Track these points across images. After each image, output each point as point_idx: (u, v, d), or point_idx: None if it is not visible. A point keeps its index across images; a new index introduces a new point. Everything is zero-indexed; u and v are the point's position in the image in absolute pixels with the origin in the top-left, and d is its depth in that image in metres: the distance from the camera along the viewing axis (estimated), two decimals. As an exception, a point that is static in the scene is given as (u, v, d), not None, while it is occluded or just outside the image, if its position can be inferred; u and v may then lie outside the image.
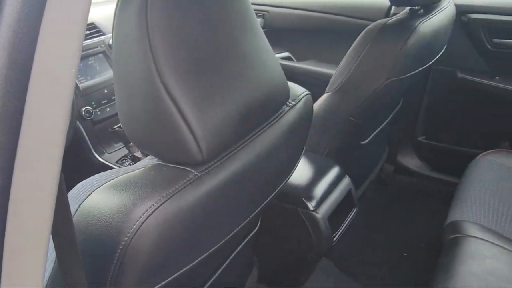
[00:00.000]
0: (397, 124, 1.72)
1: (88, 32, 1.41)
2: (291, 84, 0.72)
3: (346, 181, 1.17)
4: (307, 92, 0.74)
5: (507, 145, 1.67)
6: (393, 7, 1.59)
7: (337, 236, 1.10)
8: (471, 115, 1.71)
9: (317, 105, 1.20)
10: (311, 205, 1.03)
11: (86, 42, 1.38)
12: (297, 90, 0.73)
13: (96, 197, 0.49)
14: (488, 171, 1.35)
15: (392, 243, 1.64)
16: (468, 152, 1.59)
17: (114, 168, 1.20)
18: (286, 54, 1.91)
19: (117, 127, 1.39)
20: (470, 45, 1.58)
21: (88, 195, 0.50)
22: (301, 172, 1.12)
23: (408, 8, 1.20)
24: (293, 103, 0.69)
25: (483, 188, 1.27)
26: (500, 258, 1.03)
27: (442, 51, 1.33)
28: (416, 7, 1.17)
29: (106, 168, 1.35)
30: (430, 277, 1.04)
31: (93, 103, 1.35)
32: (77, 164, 1.39)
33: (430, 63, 1.24)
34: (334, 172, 1.15)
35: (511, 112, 1.64)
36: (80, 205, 0.49)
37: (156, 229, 0.47)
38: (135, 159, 1.42)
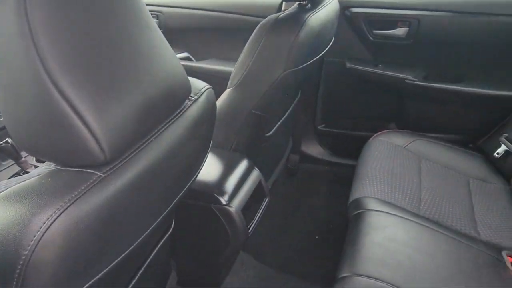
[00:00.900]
0: (298, 115, 1.80)
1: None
2: (192, 79, 0.72)
3: (255, 173, 1.20)
4: (209, 86, 0.75)
5: (393, 125, 1.85)
6: (283, 3, 1.67)
7: (251, 227, 1.13)
8: (362, 101, 1.86)
9: (220, 101, 1.21)
10: (223, 199, 1.04)
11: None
12: (198, 84, 0.73)
13: None
14: (380, 150, 1.48)
15: (305, 228, 1.72)
16: (362, 135, 1.72)
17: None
18: (185, 54, 1.90)
19: (4, 142, 1.26)
20: (355, 37, 1.72)
21: None
22: (211, 168, 1.13)
23: (297, 3, 1.27)
24: (196, 97, 0.69)
25: (377, 166, 1.39)
26: (397, 225, 1.13)
27: (331, 43, 1.43)
28: (304, 2, 1.24)
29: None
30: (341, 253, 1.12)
31: (-29, 118, 1.21)
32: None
33: (321, 54, 1.32)
34: (243, 165, 1.17)
35: (394, 96, 1.82)
36: None
37: (60, 237, 0.43)
38: (29, 176, 1.30)
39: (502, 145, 1.47)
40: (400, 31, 1.64)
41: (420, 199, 1.28)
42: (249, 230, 1.11)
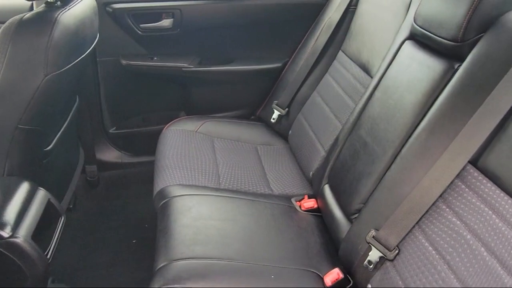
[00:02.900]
0: (83, 122, 1.68)
1: None
2: None
3: (41, 194, 1.07)
4: None
5: (183, 114, 1.91)
6: (34, 3, 1.50)
7: (50, 252, 1.01)
8: (148, 96, 1.86)
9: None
10: (5, 232, 0.90)
11: None
12: None
13: None
14: (173, 139, 1.51)
15: (118, 236, 1.64)
16: (156, 129, 1.72)
17: None
18: None
19: None
20: (124, 33, 1.68)
21: None
22: (-18, 202, 0.96)
23: (44, 1, 1.16)
24: None
25: (174, 154, 1.42)
26: (201, 203, 1.18)
27: (96, 41, 1.36)
28: (52, 0, 1.14)
29: None
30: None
31: None
32: None
33: (87, 53, 1.25)
34: (23, 189, 1.03)
35: (177, 85, 1.87)
36: None
37: None
38: None
39: (275, 111, 1.68)
40: (166, 22, 1.68)
41: (219, 174, 1.36)
42: (48, 256, 0.99)
